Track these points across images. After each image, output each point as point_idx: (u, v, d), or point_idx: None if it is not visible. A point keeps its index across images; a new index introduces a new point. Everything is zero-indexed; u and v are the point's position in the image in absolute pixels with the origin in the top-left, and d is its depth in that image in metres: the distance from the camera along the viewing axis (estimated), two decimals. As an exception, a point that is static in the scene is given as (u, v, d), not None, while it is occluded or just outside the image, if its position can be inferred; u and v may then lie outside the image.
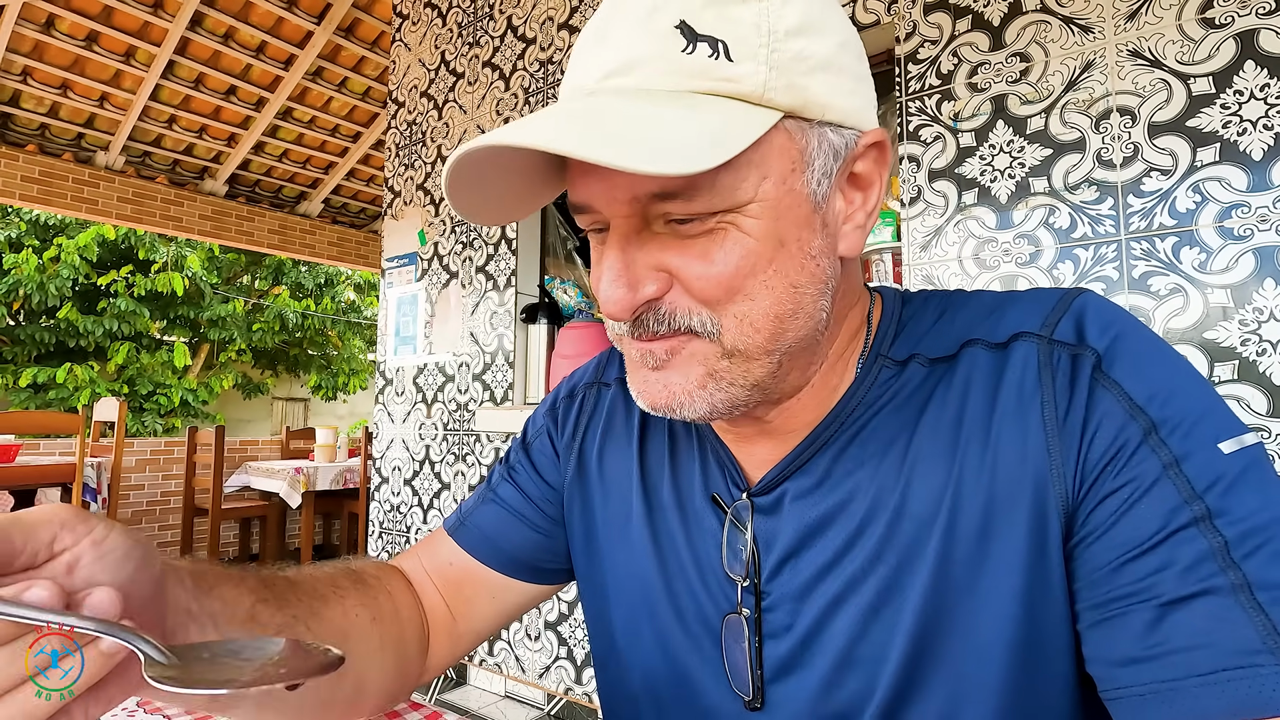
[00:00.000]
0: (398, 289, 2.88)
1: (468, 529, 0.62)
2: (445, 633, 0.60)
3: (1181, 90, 1.34)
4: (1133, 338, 0.42)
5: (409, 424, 2.77)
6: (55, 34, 3.56)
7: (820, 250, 0.42)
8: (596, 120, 0.37)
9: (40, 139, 4.11)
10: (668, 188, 0.38)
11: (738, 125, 0.37)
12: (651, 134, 0.35)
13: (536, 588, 0.63)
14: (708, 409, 0.43)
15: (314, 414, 12.83)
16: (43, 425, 3.16)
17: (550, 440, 0.63)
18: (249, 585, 0.46)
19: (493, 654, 2.45)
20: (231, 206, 4.93)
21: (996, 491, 0.41)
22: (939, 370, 0.45)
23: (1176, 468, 0.37)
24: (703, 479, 0.53)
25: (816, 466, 0.47)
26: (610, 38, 0.40)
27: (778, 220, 0.40)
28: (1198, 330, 1.31)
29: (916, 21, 1.65)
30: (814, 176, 0.41)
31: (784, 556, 0.47)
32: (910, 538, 0.43)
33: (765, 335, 0.41)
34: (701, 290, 0.40)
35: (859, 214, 0.44)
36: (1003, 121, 1.52)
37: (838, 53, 0.41)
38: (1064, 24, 1.46)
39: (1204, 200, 1.31)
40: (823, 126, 0.40)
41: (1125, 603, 0.37)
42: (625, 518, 0.56)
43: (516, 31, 2.54)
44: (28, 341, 8.60)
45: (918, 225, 1.63)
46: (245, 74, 4.07)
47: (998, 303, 0.47)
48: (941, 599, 0.42)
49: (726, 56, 0.37)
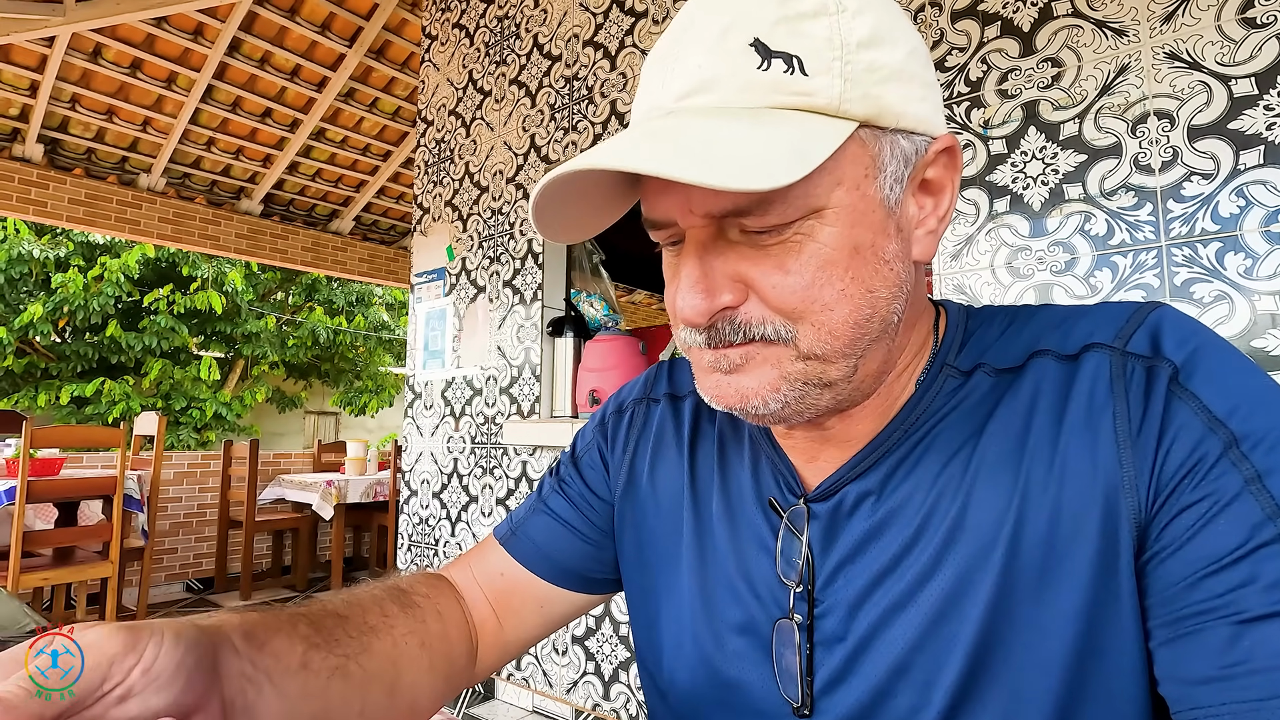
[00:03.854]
0: (426, 304, 2.92)
1: (519, 539, 0.63)
2: (493, 641, 0.61)
3: (1222, 92, 1.30)
4: (1212, 351, 0.40)
5: (437, 437, 2.80)
6: (102, 62, 3.71)
7: (895, 255, 0.42)
8: (679, 139, 0.37)
9: (87, 163, 4.27)
10: (742, 204, 0.39)
11: (816, 138, 0.37)
12: (735, 151, 0.36)
13: (583, 597, 0.64)
14: (780, 407, 0.43)
15: (345, 427, 13.04)
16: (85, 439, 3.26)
17: (600, 454, 0.64)
18: (300, 633, 0.46)
19: (520, 668, 2.44)
20: (266, 225, 5.05)
21: (1064, 505, 0.40)
22: (1005, 380, 0.45)
23: (1259, 483, 0.36)
24: (754, 485, 0.53)
25: (876, 474, 0.47)
26: (683, 59, 0.40)
27: (853, 227, 0.40)
28: (1245, 339, 1.26)
29: (944, 29, 1.63)
30: (886, 182, 0.41)
31: (840, 563, 0.47)
32: (972, 549, 0.42)
33: (844, 341, 0.41)
34: (779, 300, 0.41)
35: (931, 219, 0.44)
36: (1034, 127, 1.50)
37: (907, 61, 0.41)
38: (1097, 28, 1.44)
39: (1248, 204, 1.27)
40: (895, 134, 0.41)
41: (1202, 619, 0.35)
42: (676, 531, 0.57)
43: (543, 49, 2.57)
44: (72, 357, 8.89)
45: (948, 234, 1.60)
46: (280, 97, 4.19)
47: (1068, 315, 0.46)
48: (1004, 613, 0.41)
49: (802, 71, 0.38)
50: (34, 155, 4.04)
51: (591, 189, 0.43)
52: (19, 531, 2.61)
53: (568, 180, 0.40)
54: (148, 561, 3.39)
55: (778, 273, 0.40)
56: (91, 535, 2.97)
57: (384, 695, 0.50)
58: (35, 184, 4.07)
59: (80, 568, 2.93)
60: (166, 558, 4.54)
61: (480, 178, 2.76)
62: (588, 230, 0.47)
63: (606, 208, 0.46)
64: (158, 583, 4.43)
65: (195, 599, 4.29)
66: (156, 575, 4.42)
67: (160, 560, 4.48)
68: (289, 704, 0.42)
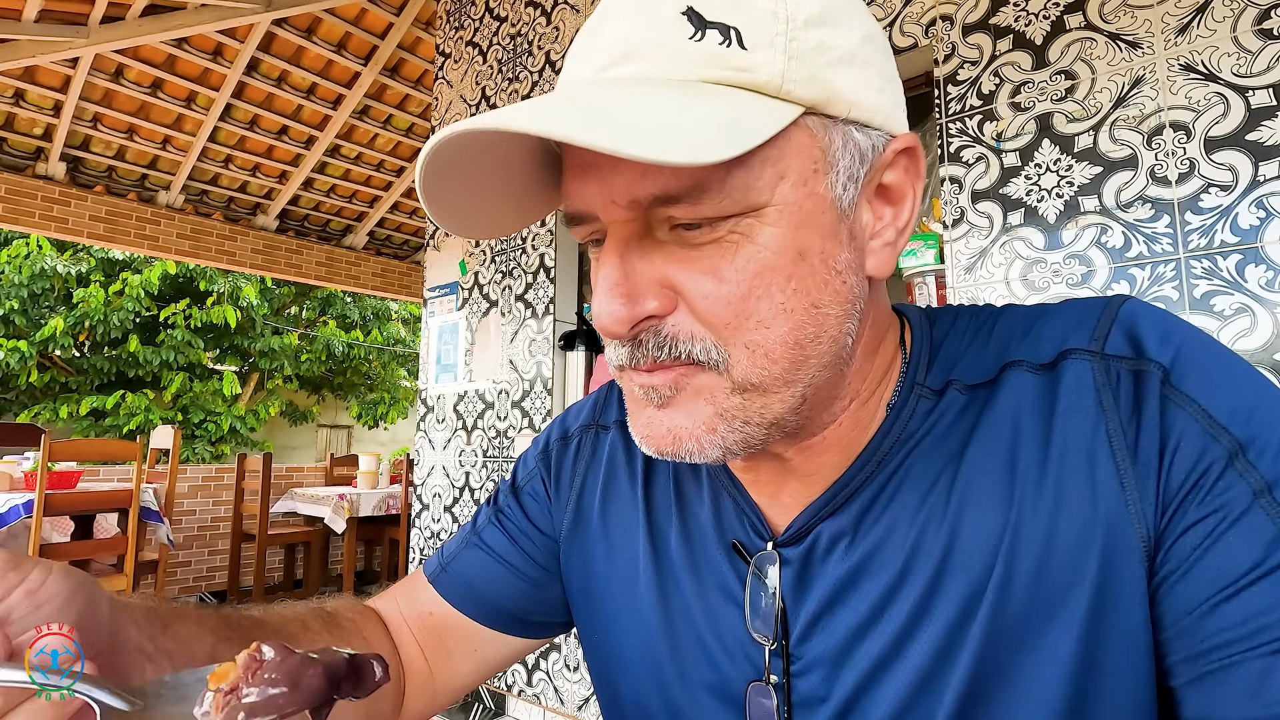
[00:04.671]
0: (439, 318, 2.94)
1: (450, 576, 0.57)
2: (422, 687, 0.55)
3: (1239, 103, 1.29)
4: (1199, 346, 0.37)
5: (449, 451, 2.80)
6: (124, 82, 3.78)
7: (847, 265, 0.37)
8: (595, 107, 0.32)
9: (107, 180, 4.35)
10: (671, 189, 0.33)
11: (754, 116, 0.32)
12: (658, 121, 0.31)
13: (522, 641, 0.58)
14: (719, 453, 0.37)
15: (357, 440, 13.10)
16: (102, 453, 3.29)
17: (544, 486, 0.58)
18: (209, 624, 0.42)
19: (531, 684, 2.42)
20: (281, 240, 5.12)
21: (1061, 537, 0.36)
22: (980, 397, 0.40)
23: (1269, 494, 0.33)
24: (716, 525, 0.47)
25: (849, 511, 0.41)
26: (608, 27, 0.36)
27: (798, 228, 0.35)
28: (1268, 352, 1.24)
29: (955, 43, 1.63)
30: (838, 179, 0.36)
31: (816, 614, 0.42)
32: (962, 593, 0.37)
33: (783, 366, 0.36)
34: (709, 312, 0.35)
35: (889, 230, 0.39)
36: (1048, 140, 1.49)
37: (863, 46, 0.36)
38: (1110, 40, 1.43)
39: (1269, 216, 1.25)
40: (848, 125, 0.36)
41: (1228, 651, 0.32)
42: (633, 577, 0.50)
43: (554, 66, 2.60)
44: (90, 371, 9.01)
45: (961, 247, 1.59)
46: (297, 114, 4.26)
47: (1033, 316, 0.42)
48: (995, 661, 0.37)
49: (740, 44, 0.33)
50: (56, 173, 4.12)
51: (501, 172, 0.38)
52: (36, 544, 2.63)
53: (457, 149, 0.34)
54: (162, 575, 3.41)
55: (709, 279, 0.35)
56: (107, 548, 2.99)
57: None
58: (57, 201, 4.14)
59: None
60: (180, 571, 4.57)
61: (493, 193, 2.78)
62: (502, 224, 0.41)
63: (527, 198, 0.41)
64: (171, 596, 4.45)
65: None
66: (170, 588, 4.44)
67: (174, 573, 4.51)
68: None
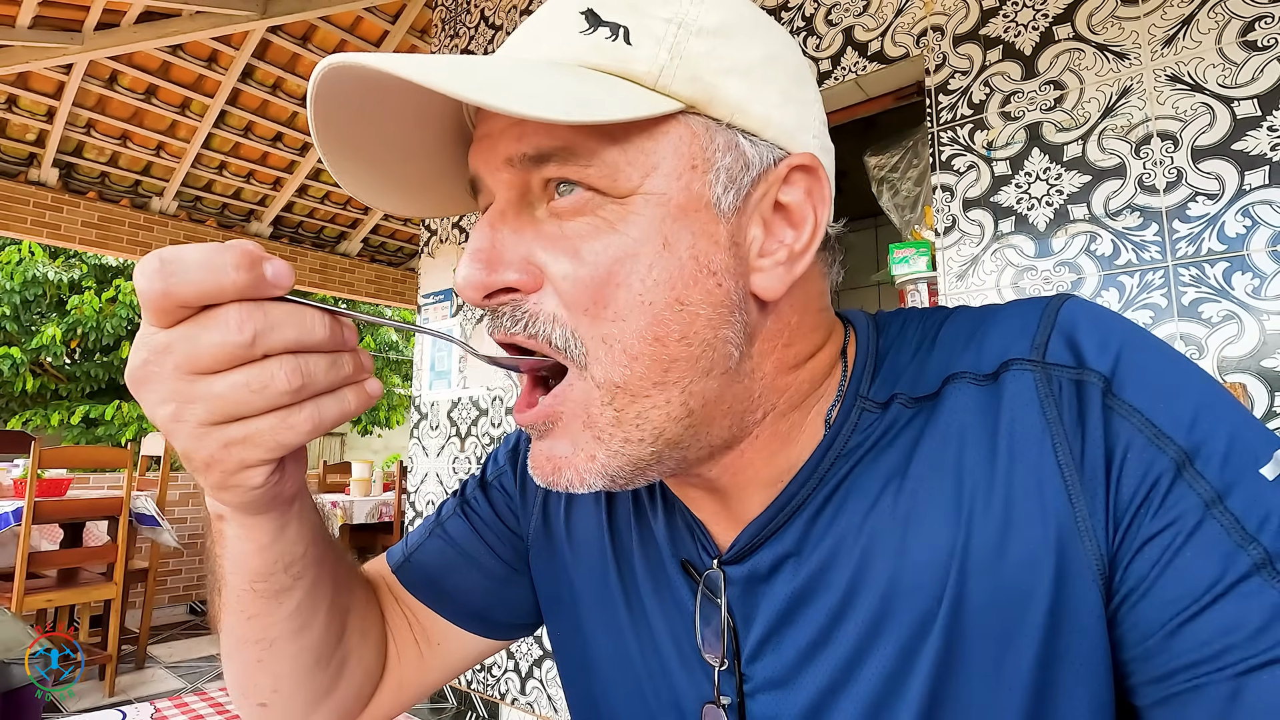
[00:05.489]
0: (433, 324, 2.94)
1: (411, 566, 0.56)
2: (387, 678, 0.55)
3: (1225, 114, 1.31)
4: (1138, 350, 0.36)
5: (443, 458, 2.79)
6: (117, 88, 3.78)
7: (724, 269, 0.36)
8: (470, 66, 0.33)
9: (100, 186, 4.33)
10: (543, 146, 0.35)
11: (619, 97, 0.33)
12: (525, 81, 0.33)
13: (484, 641, 0.56)
14: (603, 482, 0.37)
15: (350, 448, 13.04)
16: (92, 460, 3.27)
17: (513, 483, 0.57)
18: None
19: (525, 693, 2.41)
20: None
21: (1011, 557, 0.35)
22: (925, 410, 0.39)
23: (1220, 504, 0.32)
24: (670, 542, 0.47)
25: (792, 530, 0.41)
26: (527, 23, 0.39)
27: (665, 219, 0.35)
28: (1255, 358, 1.25)
29: (946, 53, 1.65)
30: (718, 180, 0.36)
31: (764, 635, 0.41)
32: (912, 615, 0.37)
33: (645, 364, 0.35)
34: (568, 294, 0.35)
35: (782, 250, 0.38)
36: (1038, 149, 1.50)
37: (763, 64, 0.37)
38: (1098, 51, 1.45)
39: (1255, 224, 1.26)
40: (734, 131, 0.36)
41: (1195, 673, 0.32)
42: (602, 587, 0.50)
43: (549, 74, 2.61)
44: (82, 378, 8.95)
45: (953, 254, 1.61)
46: (291, 121, 4.26)
47: (977, 322, 0.41)
48: (949, 688, 0.36)
49: (625, 40, 0.35)
50: (49, 179, 4.11)
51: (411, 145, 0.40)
52: (24, 553, 2.61)
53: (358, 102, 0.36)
54: (151, 583, 3.38)
55: (570, 259, 0.35)
56: (96, 557, 2.96)
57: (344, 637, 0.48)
58: (50, 207, 4.13)
59: (84, 589, 2.92)
60: (170, 580, 4.52)
61: (487, 200, 2.79)
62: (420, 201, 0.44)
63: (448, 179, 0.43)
64: (161, 604, 4.41)
65: (199, 621, 4.27)
66: (160, 597, 4.40)
67: (164, 582, 4.47)
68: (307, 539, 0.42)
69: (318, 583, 0.44)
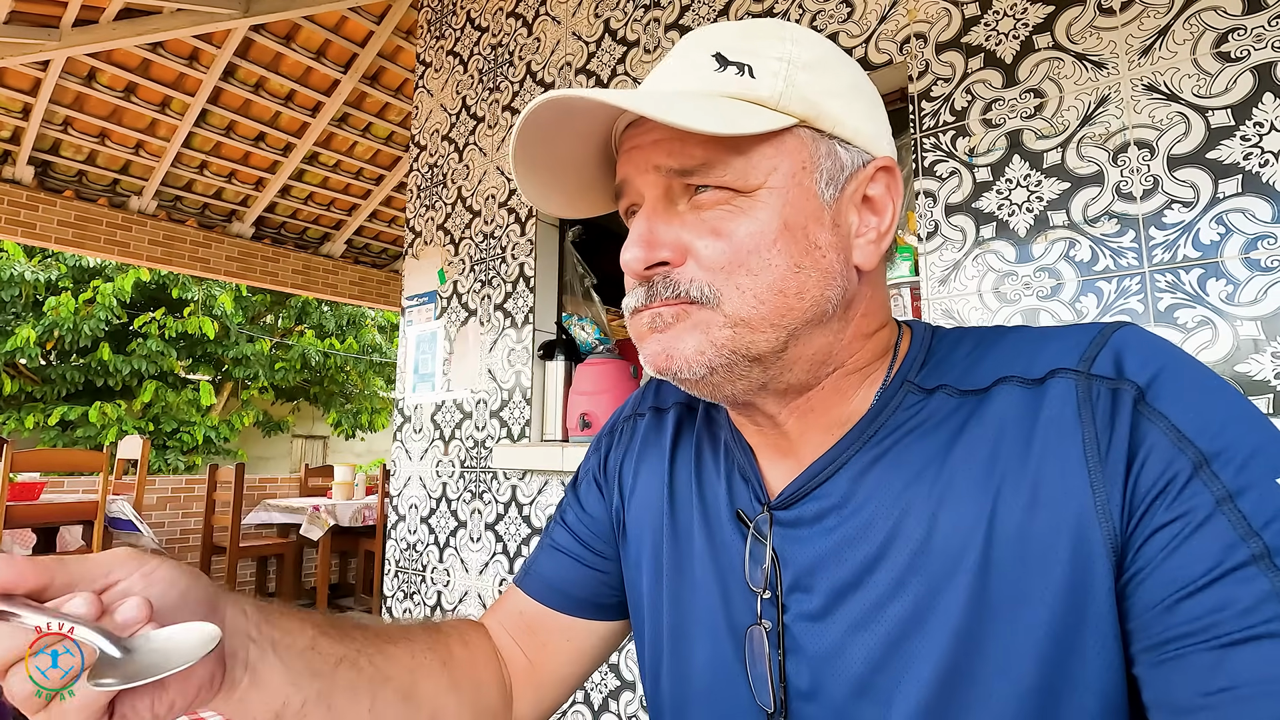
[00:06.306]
0: (417, 327, 2.92)
1: (531, 577, 0.66)
2: (526, 681, 0.63)
3: (1200, 123, 1.33)
4: (1178, 369, 0.41)
5: (426, 461, 2.77)
6: (96, 86, 3.72)
7: (828, 244, 0.46)
8: (646, 97, 0.43)
9: (77, 185, 4.26)
10: (688, 164, 0.45)
11: (753, 116, 0.44)
12: (685, 105, 0.42)
13: (607, 625, 0.65)
14: (707, 373, 0.45)
15: (333, 451, 12.91)
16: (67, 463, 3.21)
17: (595, 478, 0.67)
18: (312, 620, 0.50)
19: None
20: (257, 248, 5.05)
21: (1034, 530, 0.40)
22: (970, 403, 0.46)
23: (1231, 502, 0.36)
24: (728, 495, 0.55)
25: (836, 486, 0.48)
26: (663, 63, 0.49)
27: (785, 206, 0.45)
28: (1229, 364, 1.27)
29: (929, 60, 1.67)
30: (822, 178, 0.46)
31: (800, 573, 0.48)
32: (938, 570, 0.43)
33: (769, 308, 0.44)
34: (709, 260, 0.45)
35: (872, 232, 0.48)
36: (1019, 156, 1.52)
37: (851, 89, 0.48)
38: (1077, 60, 1.47)
39: (1228, 232, 1.29)
40: (832, 140, 0.46)
41: (1183, 643, 0.36)
42: (656, 535, 0.59)
43: (535, 76, 2.61)
44: (58, 381, 8.79)
45: (936, 259, 1.62)
46: (274, 121, 4.21)
47: (1035, 339, 0.47)
48: (972, 637, 0.41)
49: (750, 75, 0.45)
50: (24, 177, 4.03)
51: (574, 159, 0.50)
52: (-4, 558, 2.55)
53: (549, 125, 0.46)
54: (128, 589, 3.32)
55: (712, 237, 0.45)
56: (71, 562, 2.90)
57: (397, 698, 0.51)
58: (25, 206, 4.05)
59: (58, 595, 2.86)
60: (148, 585, 4.45)
61: (473, 202, 2.77)
62: (574, 203, 0.54)
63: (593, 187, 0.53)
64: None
65: (176, 627, 4.20)
66: (137, 603, 4.33)
67: (141, 587, 4.39)
68: (292, 674, 0.44)
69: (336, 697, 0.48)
